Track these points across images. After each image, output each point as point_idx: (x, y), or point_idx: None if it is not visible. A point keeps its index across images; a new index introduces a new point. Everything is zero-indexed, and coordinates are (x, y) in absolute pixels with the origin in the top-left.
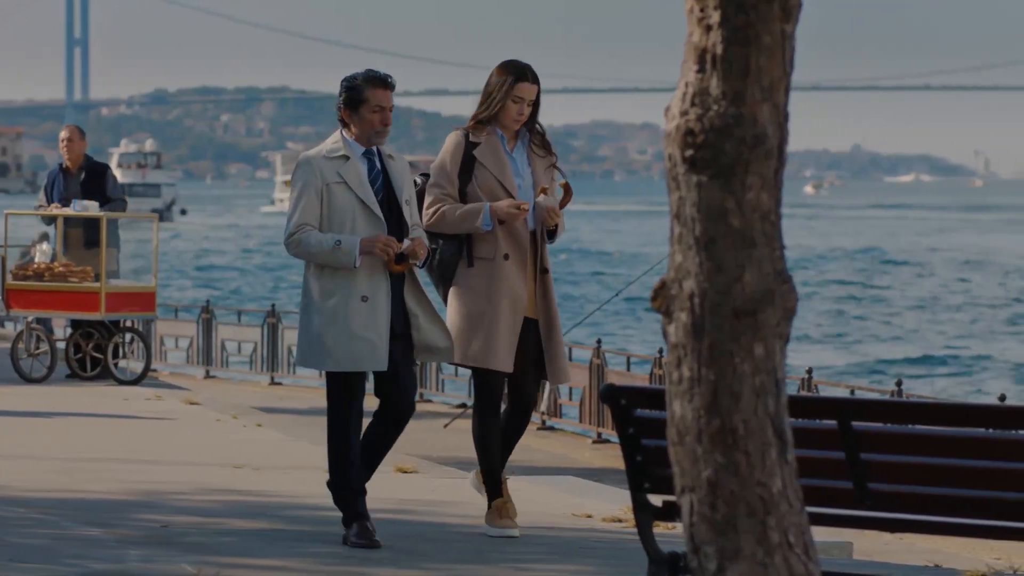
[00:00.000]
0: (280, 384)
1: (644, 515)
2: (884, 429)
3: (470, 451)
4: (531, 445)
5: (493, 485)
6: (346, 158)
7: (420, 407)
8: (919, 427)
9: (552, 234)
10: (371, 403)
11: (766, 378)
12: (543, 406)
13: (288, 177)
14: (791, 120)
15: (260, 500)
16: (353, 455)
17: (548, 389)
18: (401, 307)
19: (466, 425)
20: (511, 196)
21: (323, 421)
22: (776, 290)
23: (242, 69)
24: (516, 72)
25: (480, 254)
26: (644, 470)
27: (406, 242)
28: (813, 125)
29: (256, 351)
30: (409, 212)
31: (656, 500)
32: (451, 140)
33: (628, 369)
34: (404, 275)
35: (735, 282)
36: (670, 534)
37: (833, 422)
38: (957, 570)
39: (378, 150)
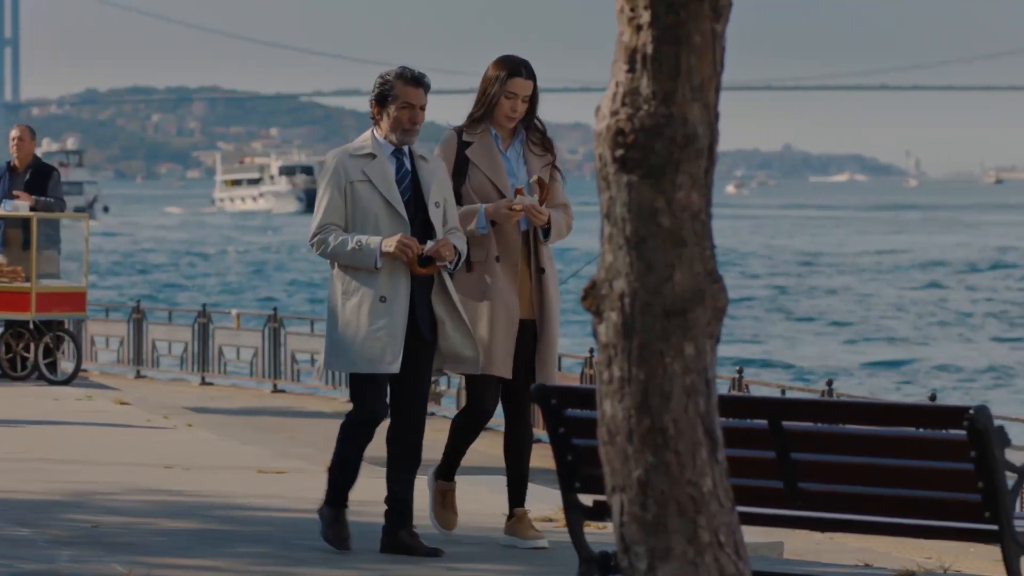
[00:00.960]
0: (211, 384)
1: (575, 515)
2: (814, 429)
3: None
4: None
5: (448, 471)
6: (373, 156)
7: (351, 406)
8: (849, 427)
9: (546, 233)
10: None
11: (696, 378)
12: None
13: (230, 177)
14: (722, 119)
15: (191, 500)
16: (358, 452)
17: None
18: (428, 312)
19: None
20: (504, 197)
21: (253, 421)
22: (706, 289)
23: (173, 69)
24: (510, 67)
25: (473, 257)
26: (575, 470)
27: (428, 243)
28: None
29: (187, 351)
30: (441, 215)
31: (587, 500)
32: (444, 140)
33: (559, 369)
34: (432, 279)
35: (665, 282)
36: (601, 534)
37: (764, 422)
38: (888, 569)
39: (410, 150)
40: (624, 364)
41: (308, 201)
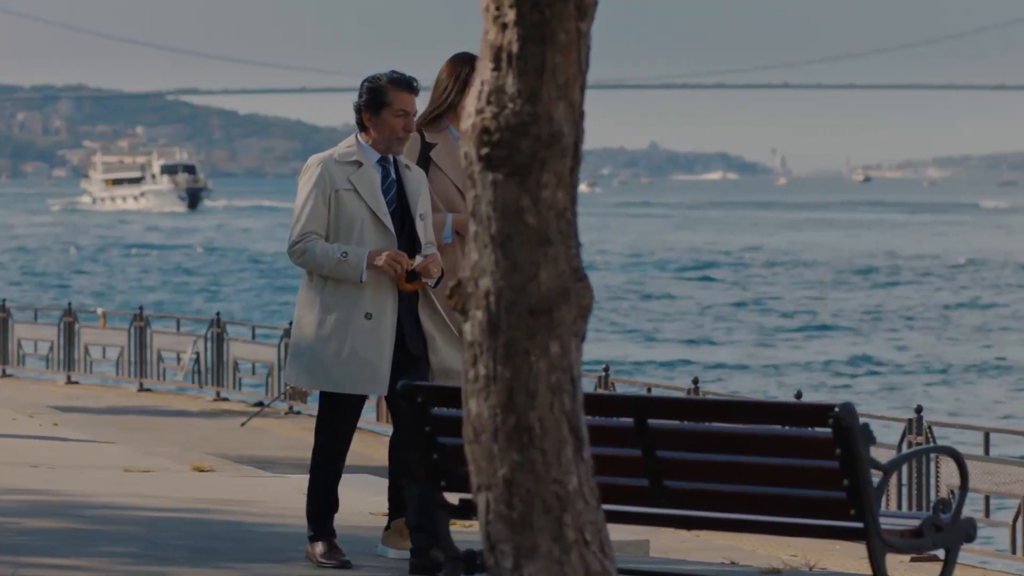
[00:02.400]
0: (77, 383)
1: (441, 513)
2: (680, 427)
3: (267, 450)
4: None
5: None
6: (359, 164)
7: (216, 405)
8: (715, 424)
9: None
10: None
11: (562, 376)
12: None
13: (111, 176)
14: (587, 118)
15: (56, 499)
16: (335, 479)
17: None
18: (417, 328)
19: (263, 424)
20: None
21: (119, 420)
22: (572, 288)
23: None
24: (472, 61)
25: (444, 266)
26: (441, 468)
27: (418, 258)
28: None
29: (53, 350)
30: (424, 228)
31: (453, 498)
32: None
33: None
34: (418, 295)
35: (531, 280)
36: (467, 532)
37: (629, 420)
38: (753, 567)
39: (394, 159)
40: (490, 362)
41: (190, 200)
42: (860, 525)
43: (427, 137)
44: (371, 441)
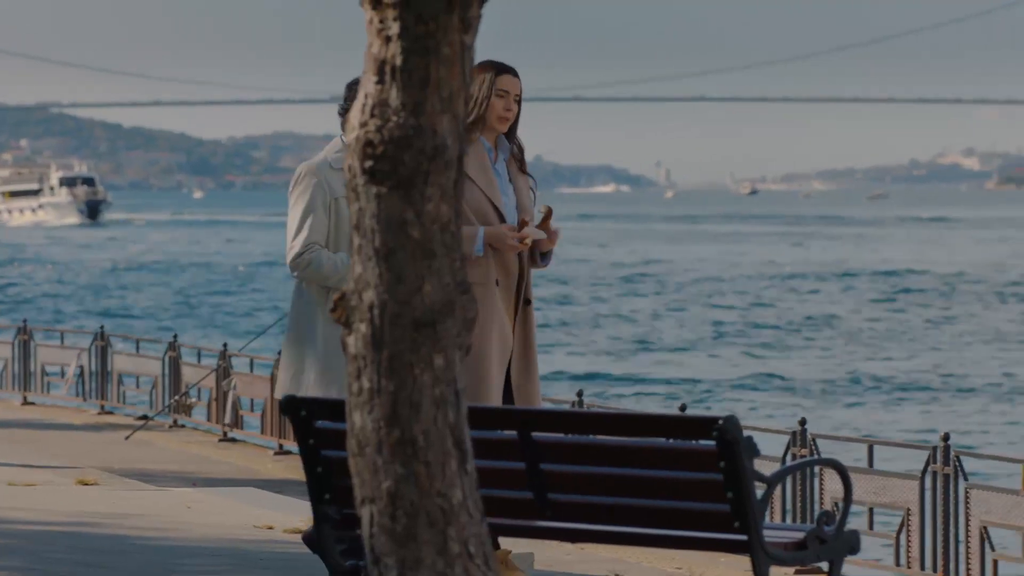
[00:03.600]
0: None
1: (325, 526)
2: (564, 440)
3: (152, 463)
4: (212, 456)
5: None
6: None
7: (101, 419)
8: (599, 437)
9: (546, 255)
10: None
11: (446, 389)
12: (227, 417)
13: (7, 188)
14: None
15: None
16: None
17: (230, 400)
18: None
19: (147, 437)
20: (500, 215)
21: (2, 433)
22: (456, 300)
23: None
24: (496, 66)
25: (472, 279)
26: (325, 481)
27: None
28: None
29: None
30: None
31: (337, 511)
32: None
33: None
34: None
35: (415, 293)
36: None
37: (514, 433)
38: None
39: None
40: (374, 375)
41: (89, 212)
42: (744, 538)
43: None
44: (255, 455)
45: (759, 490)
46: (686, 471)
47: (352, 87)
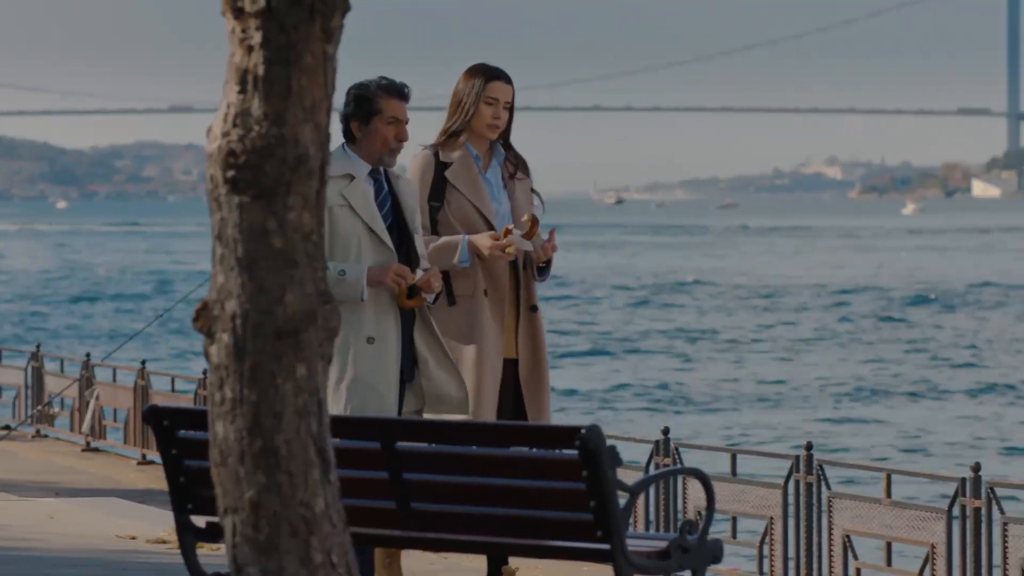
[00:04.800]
0: None
1: (188, 536)
2: (426, 449)
3: (15, 473)
4: (75, 466)
5: None
6: (351, 177)
7: None
8: (462, 447)
9: (543, 270)
10: None
11: (308, 398)
12: (86, 426)
13: None
14: (333, 141)
15: None
16: None
17: (92, 408)
18: (409, 350)
19: (9, 447)
20: (489, 224)
21: None
22: (318, 310)
23: None
24: (486, 72)
25: (459, 291)
26: (188, 491)
27: (418, 272)
28: None
29: None
30: (419, 243)
31: (200, 521)
32: (417, 161)
33: (173, 390)
34: (414, 313)
35: (277, 303)
36: (215, 555)
37: (376, 442)
38: None
39: (384, 170)
40: (236, 385)
41: None
42: (607, 547)
43: (441, 156)
44: (118, 464)
45: (622, 499)
46: (549, 480)
47: (348, 92)
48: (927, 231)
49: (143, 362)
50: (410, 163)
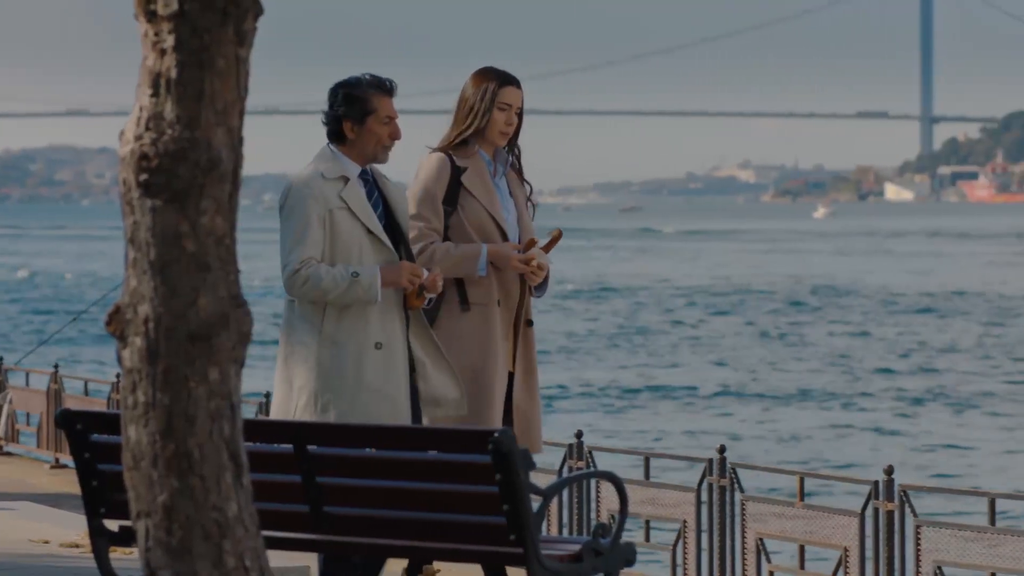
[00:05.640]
0: None
1: (101, 540)
2: (339, 453)
3: None
4: None
5: None
6: (345, 179)
7: None
8: (374, 451)
9: (540, 286)
10: None
11: (221, 402)
12: (1, 430)
13: None
14: (247, 144)
15: None
16: None
17: (4, 412)
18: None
19: None
20: (503, 232)
21: None
22: (231, 314)
23: None
24: (499, 77)
25: (474, 299)
26: (101, 495)
27: (425, 272)
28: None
29: None
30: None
31: (113, 525)
32: (434, 163)
33: (86, 394)
34: (409, 318)
35: (190, 306)
36: (129, 559)
37: (289, 446)
38: None
39: (371, 171)
40: (149, 389)
41: None
42: (520, 550)
43: (456, 161)
44: (31, 468)
45: (535, 503)
46: (462, 484)
47: (335, 91)
48: (833, 234)
49: (56, 365)
50: (423, 164)
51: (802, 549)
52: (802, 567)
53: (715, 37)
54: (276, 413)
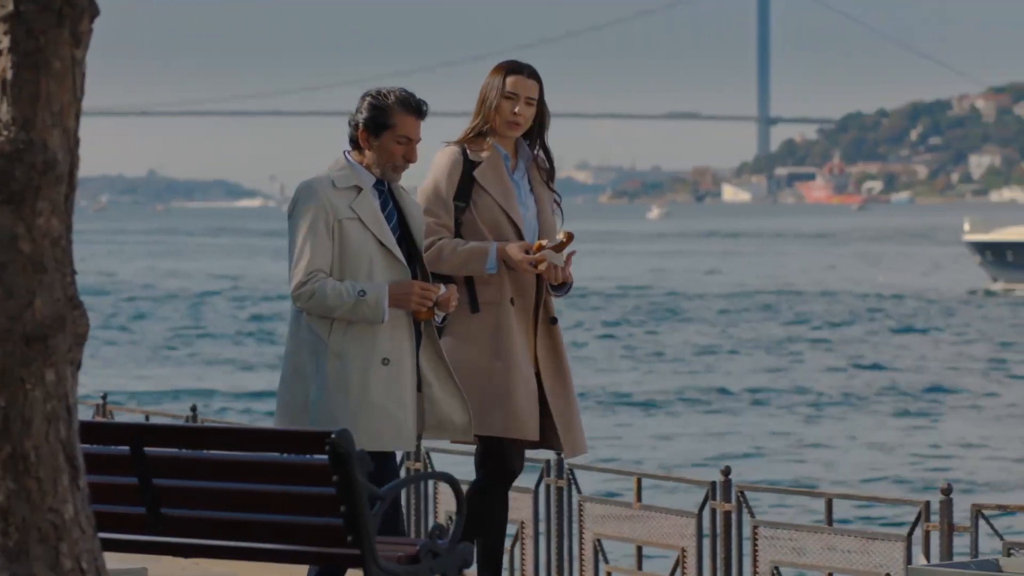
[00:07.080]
0: None
1: None
2: (177, 454)
3: None
4: None
5: (495, 568)
6: (358, 189)
7: None
8: (213, 452)
9: (561, 286)
10: None
11: (57, 404)
12: None
13: None
14: (83, 145)
15: None
16: None
17: None
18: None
19: None
20: (518, 230)
21: None
22: (67, 316)
23: None
24: (508, 66)
25: (484, 298)
26: None
27: (442, 288)
28: (109, 150)
29: None
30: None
31: None
32: (446, 157)
33: None
34: (419, 330)
35: (25, 308)
36: None
37: (126, 448)
38: None
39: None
40: None
41: None
42: (358, 551)
43: (470, 155)
44: None
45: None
46: (300, 485)
47: (364, 97)
48: (668, 235)
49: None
50: (436, 158)
51: (639, 550)
52: (639, 568)
53: (555, 38)
54: (280, 426)
